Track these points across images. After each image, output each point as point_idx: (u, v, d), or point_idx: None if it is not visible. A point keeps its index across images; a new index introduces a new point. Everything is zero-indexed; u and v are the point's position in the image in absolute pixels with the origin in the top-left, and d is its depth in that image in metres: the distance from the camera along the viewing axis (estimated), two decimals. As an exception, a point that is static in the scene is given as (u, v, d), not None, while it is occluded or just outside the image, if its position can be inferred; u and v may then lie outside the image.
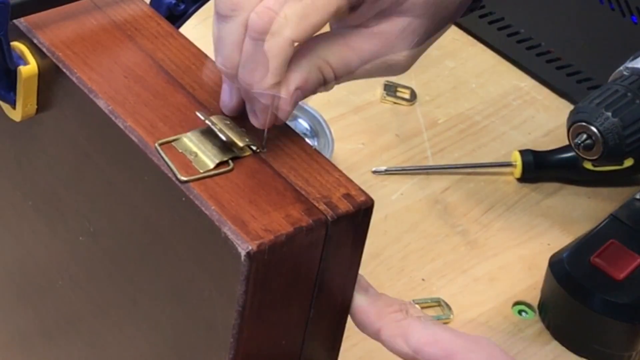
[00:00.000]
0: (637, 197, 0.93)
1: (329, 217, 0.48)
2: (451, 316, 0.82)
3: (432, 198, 0.94)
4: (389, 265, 0.86)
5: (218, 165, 0.49)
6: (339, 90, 0.65)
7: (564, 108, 1.05)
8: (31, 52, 0.56)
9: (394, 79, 1.07)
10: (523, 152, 0.97)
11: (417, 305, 0.82)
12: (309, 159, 0.51)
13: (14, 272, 0.70)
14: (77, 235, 0.59)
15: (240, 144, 0.50)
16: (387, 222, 0.91)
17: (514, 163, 0.97)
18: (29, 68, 0.55)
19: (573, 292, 0.80)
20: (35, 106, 0.57)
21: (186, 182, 0.48)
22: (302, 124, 0.93)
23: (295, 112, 0.97)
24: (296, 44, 0.50)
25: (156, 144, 0.50)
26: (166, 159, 0.49)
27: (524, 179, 0.98)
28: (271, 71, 0.50)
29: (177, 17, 0.63)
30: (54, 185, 0.60)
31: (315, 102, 0.95)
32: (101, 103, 0.52)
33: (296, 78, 0.51)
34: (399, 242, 0.89)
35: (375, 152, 0.98)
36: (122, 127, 0.51)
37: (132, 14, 0.58)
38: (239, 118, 0.53)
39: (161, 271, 0.53)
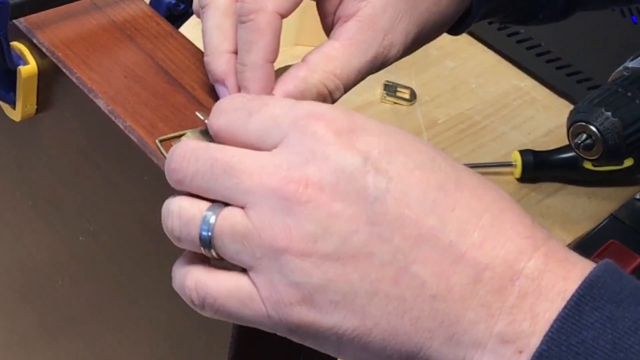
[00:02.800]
0: (637, 197, 0.94)
1: (328, 217, 0.48)
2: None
3: (432, 198, 0.94)
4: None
5: (218, 165, 0.49)
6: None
7: (564, 108, 1.05)
8: (31, 52, 0.56)
9: (393, 78, 1.07)
10: (523, 152, 0.97)
11: None
12: (308, 158, 0.51)
13: (14, 272, 0.70)
14: (77, 235, 0.59)
15: (240, 144, 0.50)
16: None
17: (514, 163, 0.97)
18: (29, 68, 0.55)
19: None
20: (35, 106, 0.57)
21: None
22: (302, 124, 0.93)
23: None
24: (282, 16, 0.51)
25: (156, 141, 0.50)
26: (166, 155, 0.49)
27: (524, 179, 0.98)
28: (263, 46, 0.51)
29: (177, 17, 0.63)
30: (54, 185, 0.60)
31: (315, 102, 0.95)
32: (101, 103, 0.52)
33: (287, 89, 0.52)
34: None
35: (375, 152, 0.98)
36: (122, 127, 0.51)
37: (132, 14, 0.58)
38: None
39: (161, 271, 0.53)
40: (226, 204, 0.43)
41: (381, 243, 0.41)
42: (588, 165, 0.95)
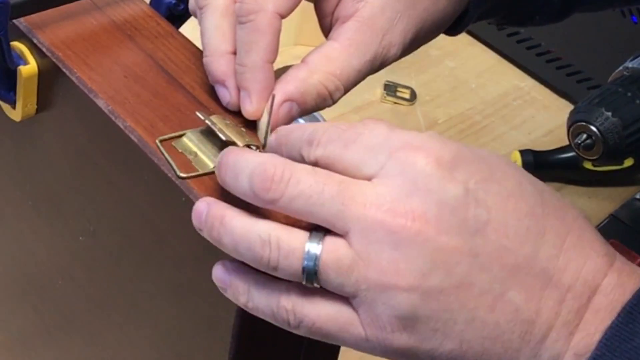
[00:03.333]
0: (637, 197, 0.94)
1: (329, 217, 0.48)
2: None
3: (432, 198, 0.94)
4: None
5: (218, 165, 0.49)
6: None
7: (564, 108, 1.05)
8: (31, 52, 0.56)
9: (394, 78, 1.07)
10: (523, 152, 0.97)
11: None
12: (309, 158, 0.51)
13: (14, 272, 0.70)
14: (77, 235, 0.59)
15: (240, 144, 0.50)
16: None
17: (514, 163, 0.97)
18: (29, 68, 0.55)
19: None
20: (35, 106, 0.57)
21: (185, 178, 0.48)
22: (302, 124, 0.93)
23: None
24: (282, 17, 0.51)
25: (157, 140, 0.50)
26: (166, 155, 0.49)
27: (524, 179, 0.97)
28: (263, 47, 0.51)
29: (177, 17, 0.63)
30: (54, 185, 0.60)
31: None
32: (101, 103, 0.52)
33: (287, 90, 0.52)
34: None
35: (375, 152, 0.98)
36: (122, 127, 0.51)
37: (132, 14, 0.58)
38: (239, 118, 0.53)
39: (161, 271, 0.54)
40: (325, 231, 0.43)
41: (481, 273, 0.42)
42: (588, 165, 0.95)
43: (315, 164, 0.44)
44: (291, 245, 0.43)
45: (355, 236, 0.42)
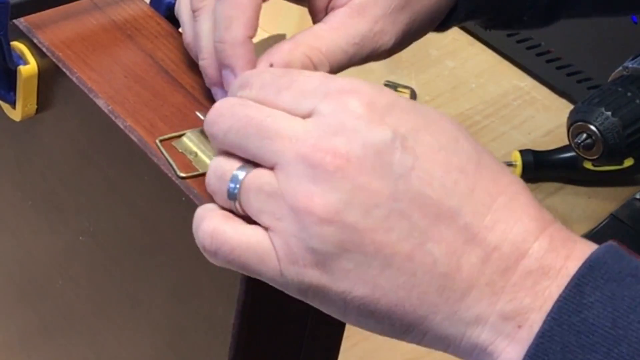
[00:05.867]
0: (637, 197, 0.94)
1: (328, 217, 0.48)
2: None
3: (432, 198, 0.94)
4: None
5: (218, 165, 0.50)
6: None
7: (564, 108, 1.05)
8: (31, 52, 0.56)
9: (394, 78, 1.07)
10: (523, 152, 0.97)
11: None
12: (308, 158, 0.51)
13: (14, 272, 0.70)
14: (77, 235, 0.59)
15: (240, 144, 0.50)
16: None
17: (514, 163, 0.97)
18: (29, 68, 0.55)
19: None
20: (35, 106, 0.57)
21: (184, 178, 0.48)
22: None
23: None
24: None
25: (157, 140, 0.50)
26: (166, 155, 0.49)
27: (524, 178, 0.97)
28: (244, 21, 0.51)
29: (177, 17, 0.63)
30: (54, 185, 0.60)
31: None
32: (101, 103, 0.52)
33: (271, 60, 0.52)
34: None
35: (375, 152, 0.98)
36: (122, 126, 0.51)
37: (132, 14, 0.58)
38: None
39: (161, 271, 0.54)
40: (260, 166, 0.44)
41: (401, 219, 0.42)
42: (588, 165, 0.95)
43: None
44: (224, 169, 0.45)
45: (279, 168, 0.43)
